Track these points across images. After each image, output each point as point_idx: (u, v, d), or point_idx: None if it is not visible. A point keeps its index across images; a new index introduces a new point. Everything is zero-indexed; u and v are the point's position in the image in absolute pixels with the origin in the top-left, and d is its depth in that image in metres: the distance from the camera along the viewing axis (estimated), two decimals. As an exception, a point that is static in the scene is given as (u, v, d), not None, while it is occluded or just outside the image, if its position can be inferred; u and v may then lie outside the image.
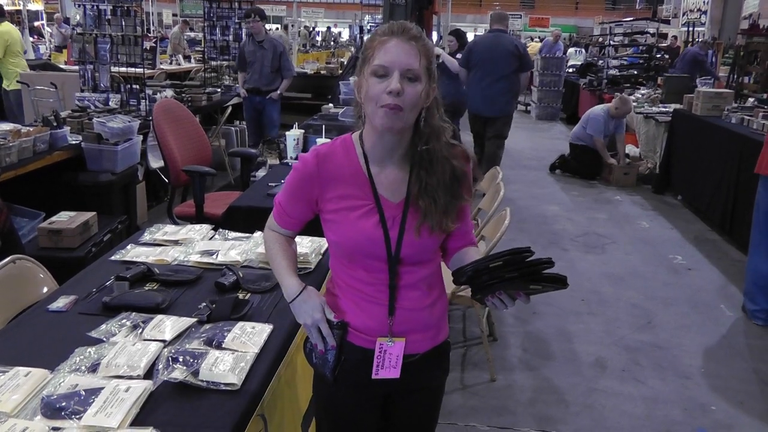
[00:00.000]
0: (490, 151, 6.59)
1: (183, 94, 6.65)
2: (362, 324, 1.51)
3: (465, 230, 1.63)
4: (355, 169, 1.50)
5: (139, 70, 5.70)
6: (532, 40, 22.01)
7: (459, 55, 6.73)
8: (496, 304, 1.41)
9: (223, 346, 1.65)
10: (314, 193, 1.51)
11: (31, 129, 4.19)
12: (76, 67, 6.19)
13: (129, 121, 4.68)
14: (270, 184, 3.36)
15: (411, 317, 1.52)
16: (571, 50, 18.17)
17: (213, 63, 8.28)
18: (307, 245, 2.32)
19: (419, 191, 1.47)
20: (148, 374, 1.53)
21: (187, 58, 11.81)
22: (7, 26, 7.77)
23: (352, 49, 14.48)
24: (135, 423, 1.36)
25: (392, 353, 1.51)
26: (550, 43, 15.36)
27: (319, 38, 20.77)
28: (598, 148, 7.60)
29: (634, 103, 8.39)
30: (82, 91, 5.71)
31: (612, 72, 11.16)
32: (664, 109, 7.68)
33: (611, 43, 12.54)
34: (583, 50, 18.20)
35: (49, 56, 11.85)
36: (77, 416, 1.35)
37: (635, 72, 11.28)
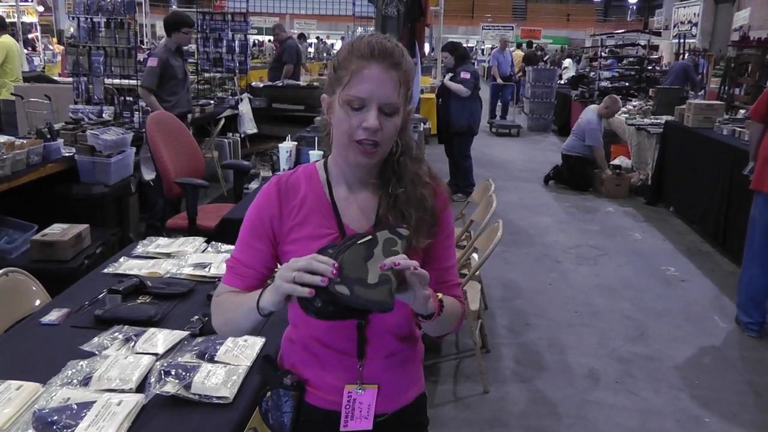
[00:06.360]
0: None
1: (176, 106, 6.66)
2: (323, 381, 1.36)
3: (441, 278, 1.40)
4: (318, 196, 1.35)
5: (133, 82, 5.71)
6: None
7: (463, 73, 6.86)
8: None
9: (216, 359, 1.65)
10: (274, 223, 1.34)
11: (25, 141, 4.19)
12: (70, 79, 6.19)
13: (122, 134, 4.68)
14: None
15: (380, 367, 1.37)
16: (567, 61, 18.23)
17: (206, 75, 8.30)
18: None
19: (388, 207, 1.32)
20: (140, 387, 1.52)
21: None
22: (7, 38, 7.78)
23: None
24: (127, 437, 1.36)
25: (363, 402, 1.35)
26: (497, 52, 13.58)
27: (311, 50, 20.83)
28: (597, 159, 7.64)
29: (626, 115, 8.44)
30: (76, 103, 5.71)
31: (603, 84, 11.23)
32: (655, 121, 7.72)
33: (603, 54, 12.63)
34: (572, 61, 18.31)
35: (43, 68, 11.87)
36: (69, 430, 1.35)
37: (627, 84, 11.35)
